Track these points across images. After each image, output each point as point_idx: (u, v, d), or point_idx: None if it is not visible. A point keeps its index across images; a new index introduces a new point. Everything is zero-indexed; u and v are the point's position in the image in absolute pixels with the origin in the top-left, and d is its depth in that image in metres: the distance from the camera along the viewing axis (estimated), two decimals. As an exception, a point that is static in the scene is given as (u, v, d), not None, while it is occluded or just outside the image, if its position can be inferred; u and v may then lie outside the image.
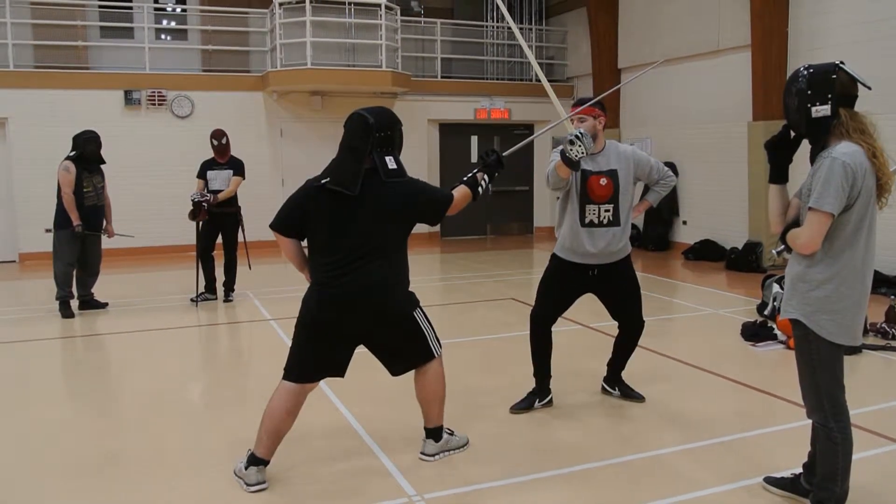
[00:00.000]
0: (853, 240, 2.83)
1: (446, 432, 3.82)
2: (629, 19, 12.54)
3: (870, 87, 2.83)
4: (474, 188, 3.67)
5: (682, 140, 11.65)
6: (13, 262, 11.23)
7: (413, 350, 3.59)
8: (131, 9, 12.12)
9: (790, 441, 3.92)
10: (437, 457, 3.73)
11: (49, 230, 7.36)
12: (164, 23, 13.04)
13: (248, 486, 3.40)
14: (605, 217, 4.20)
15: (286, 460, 3.65)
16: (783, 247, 3.03)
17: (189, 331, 6.97)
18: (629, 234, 4.33)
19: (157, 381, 5.24)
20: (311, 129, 12.36)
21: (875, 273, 3.47)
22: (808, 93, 2.82)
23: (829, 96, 2.79)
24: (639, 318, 4.44)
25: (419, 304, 3.61)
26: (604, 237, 4.20)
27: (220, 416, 4.53)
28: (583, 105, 4.23)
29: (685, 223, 11.82)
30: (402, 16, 12.78)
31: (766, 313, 6.78)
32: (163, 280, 9.59)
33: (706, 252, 10.93)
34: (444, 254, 12.31)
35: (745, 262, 9.92)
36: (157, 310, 7.66)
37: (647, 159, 4.36)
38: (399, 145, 3.53)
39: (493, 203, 13.73)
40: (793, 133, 2.98)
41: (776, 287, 6.83)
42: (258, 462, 3.43)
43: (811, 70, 2.85)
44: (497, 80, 14.20)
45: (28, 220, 10.76)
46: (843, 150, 2.77)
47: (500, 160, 3.80)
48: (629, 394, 4.64)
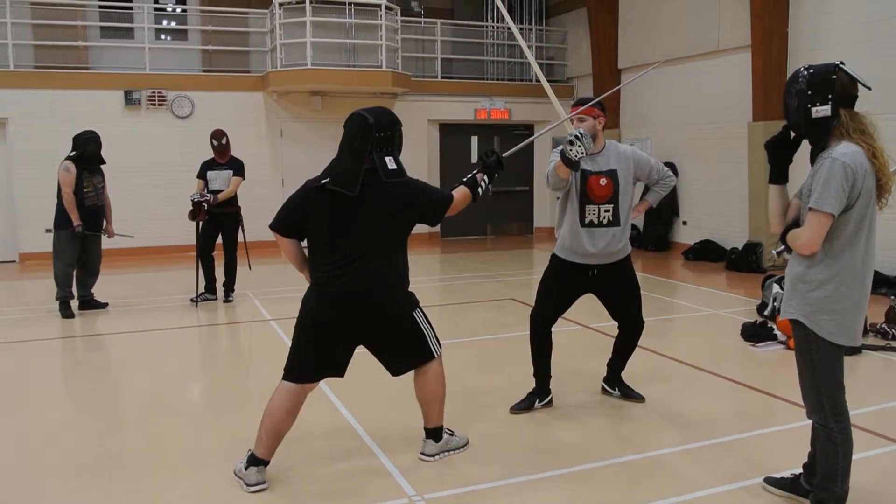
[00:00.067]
0: (853, 240, 2.83)
1: (446, 432, 3.82)
2: (629, 19, 12.54)
3: (870, 88, 2.83)
4: (474, 189, 3.67)
5: (682, 140, 11.65)
6: (13, 262, 11.23)
7: (413, 350, 3.59)
8: (131, 9, 12.12)
9: (790, 441, 3.92)
10: (437, 457, 3.73)
11: (49, 230, 7.36)
12: (165, 23, 13.05)
13: (248, 486, 3.40)
14: (604, 217, 4.20)
15: (286, 460, 3.65)
16: (783, 247, 3.03)
17: (189, 331, 6.97)
18: (629, 234, 4.33)
19: (157, 382, 5.24)
20: (311, 130, 12.36)
21: (875, 273, 3.47)
22: (809, 93, 2.82)
23: (830, 97, 2.79)
24: (639, 319, 4.44)
25: (419, 304, 3.62)
26: (604, 237, 4.20)
27: (220, 416, 4.53)
28: (583, 105, 4.23)
29: (685, 223, 11.82)
30: (402, 16, 12.78)
31: (766, 314, 6.78)
32: (163, 280, 9.59)
33: (706, 252, 10.93)
34: (444, 254, 12.31)
35: (745, 262, 9.92)
36: (157, 310, 7.66)
37: (646, 159, 4.36)
38: (399, 145, 3.54)
39: (493, 203, 13.74)
40: (793, 133, 2.98)
41: (776, 287, 6.83)
42: (258, 462, 3.44)
43: (811, 70, 2.85)
44: (497, 80, 14.20)
45: (28, 221, 10.76)
46: (844, 151, 2.77)
47: (500, 161, 3.80)
48: (629, 394, 4.64)
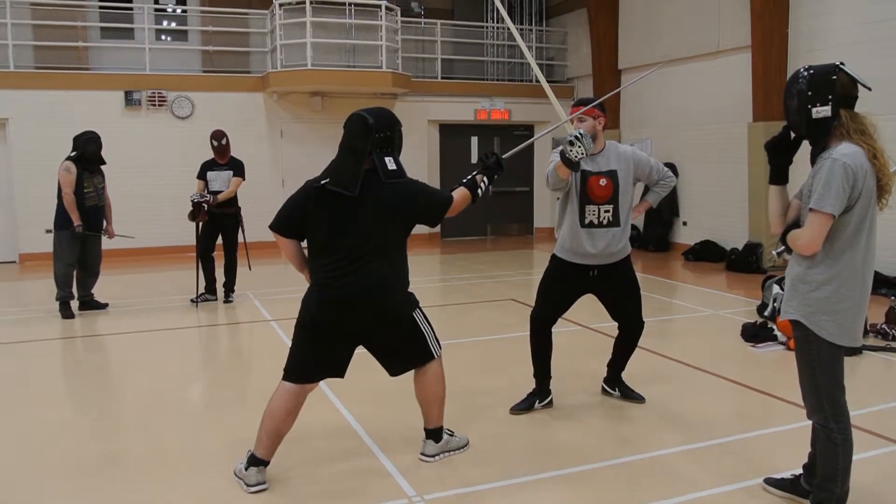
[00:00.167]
0: (853, 241, 2.83)
1: (446, 433, 3.81)
2: (629, 20, 12.55)
3: (870, 88, 2.83)
4: (474, 190, 3.67)
5: (682, 141, 11.65)
6: (13, 262, 11.23)
7: (412, 350, 3.59)
8: (132, 9, 12.12)
9: (790, 442, 3.92)
10: (438, 457, 3.73)
11: (49, 231, 7.36)
12: (165, 24, 13.05)
13: (249, 486, 3.40)
14: (604, 218, 4.20)
15: (286, 461, 3.65)
16: (783, 248, 3.03)
17: (189, 331, 6.97)
18: (629, 234, 4.33)
19: (157, 382, 5.24)
20: (312, 130, 12.36)
21: (875, 274, 3.48)
22: (809, 94, 2.82)
23: (830, 97, 2.79)
24: (639, 319, 4.44)
25: (419, 304, 3.62)
26: (603, 238, 4.20)
27: (220, 417, 4.53)
28: (582, 105, 4.23)
29: (685, 224, 11.82)
30: (402, 17, 12.78)
31: (767, 314, 6.78)
32: (163, 281, 9.58)
33: (706, 253, 10.93)
34: (444, 255, 12.31)
35: (745, 262, 9.92)
36: (157, 310, 7.66)
37: (646, 160, 4.36)
38: (399, 146, 3.54)
39: (493, 204, 13.75)
40: (793, 134, 2.98)
41: (776, 288, 6.84)
42: (258, 463, 3.44)
43: (811, 71, 2.85)
44: (497, 80, 14.21)
45: (28, 221, 10.77)
46: (844, 152, 2.77)
47: (500, 162, 3.79)
48: (629, 394, 4.64)
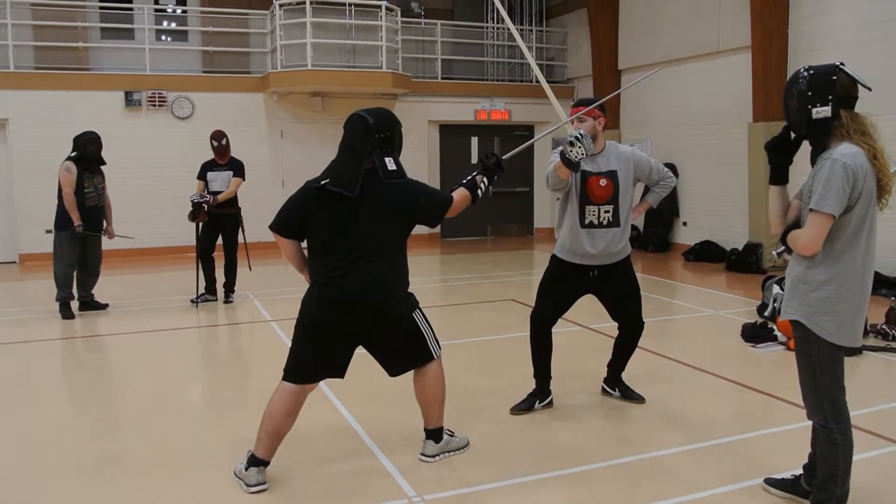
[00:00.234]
0: (854, 241, 2.83)
1: (447, 433, 3.81)
2: (629, 20, 12.55)
3: (870, 89, 2.83)
4: (473, 191, 3.67)
5: (682, 141, 11.65)
6: (13, 263, 11.23)
7: (412, 351, 3.59)
8: (132, 10, 12.12)
9: (790, 442, 3.92)
10: (438, 458, 3.73)
11: (49, 231, 7.37)
12: (165, 24, 13.05)
13: (249, 486, 3.40)
14: (604, 218, 4.20)
15: (286, 461, 3.65)
16: (783, 248, 3.03)
17: (189, 332, 6.97)
18: (629, 235, 4.33)
19: (157, 382, 5.24)
20: (312, 131, 12.36)
21: (875, 274, 3.48)
22: (809, 94, 2.82)
23: (830, 97, 2.79)
24: (639, 319, 4.44)
25: (418, 305, 3.62)
26: (603, 238, 4.20)
27: (220, 417, 4.53)
28: (582, 105, 4.23)
29: (685, 224, 11.82)
30: (402, 17, 12.79)
31: (767, 314, 6.78)
32: (163, 281, 9.59)
33: (706, 253, 10.93)
34: (444, 255, 12.31)
35: (745, 263, 9.92)
36: (157, 311, 7.66)
37: (646, 160, 4.36)
38: (399, 146, 3.54)
39: (493, 204, 13.75)
40: (793, 134, 2.98)
41: (776, 288, 6.84)
42: (258, 463, 3.44)
43: (811, 71, 2.85)
44: (497, 81, 14.21)
45: (28, 221, 10.77)
46: (844, 152, 2.77)
47: (500, 164, 3.79)
48: (629, 395, 4.64)
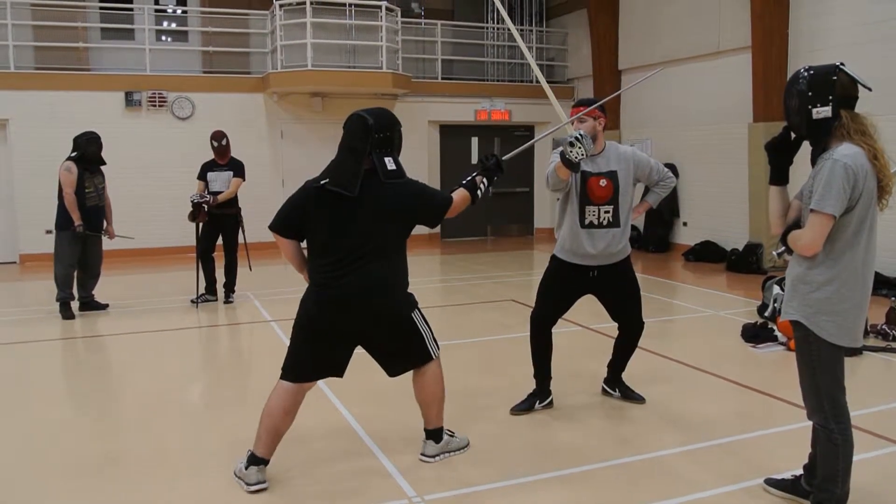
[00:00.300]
0: (854, 241, 2.83)
1: (447, 434, 3.81)
2: (629, 21, 12.55)
3: (870, 89, 2.83)
4: (473, 191, 3.67)
5: (682, 141, 11.65)
6: (13, 263, 11.23)
7: (411, 351, 3.59)
8: (132, 10, 12.12)
9: (790, 442, 3.92)
10: (438, 458, 3.73)
11: (50, 231, 7.38)
12: (165, 24, 13.05)
13: (249, 486, 3.40)
14: (604, 218, 4.20)
15: (286, 461, 3.65)
16: (784, 248, 3.03)
17: (189, 332, 6.97)
18: (629, 235, 4.33)
19: (157, 382, 5.24)
20: (312, 131, 12.36)
21: (875, 274, 3.47)
22: (809, 94, 2.82)
23: (830, 98, 2.79)
24: (639, 320, 4.44)
25: (417, 305, 3.61)
26: (603, 238, 4.20)
27: (220, 417, 4.53)
28: (583, 105, 4.23)
29: (685, 224, 11.82)
30: (402, 17, 12.79)
31: (767, 315, 6.78)
32: (163, 281, 9.59)
33: (706, 253, 10.93)
34: (444, 255, 12.31)
35: (745, 263, 9.92)
36: (157, 311, 7.66)
37: (646, 160, 4.36)
38: (398, 146, 3.54)
39: (493, 204, 13.75)
40: (793, 134, 2.98)
41: (776, 288, 6.83)
42: (258, 462, 3.44)
43: (812, 71, 2.85)
44: (497, 81, 14.21)
45: (28, 222, 10.78)
46: (844, 152, 2.76)
47: (500, 164, 3.79)
48: (629, 395, 4.64)
